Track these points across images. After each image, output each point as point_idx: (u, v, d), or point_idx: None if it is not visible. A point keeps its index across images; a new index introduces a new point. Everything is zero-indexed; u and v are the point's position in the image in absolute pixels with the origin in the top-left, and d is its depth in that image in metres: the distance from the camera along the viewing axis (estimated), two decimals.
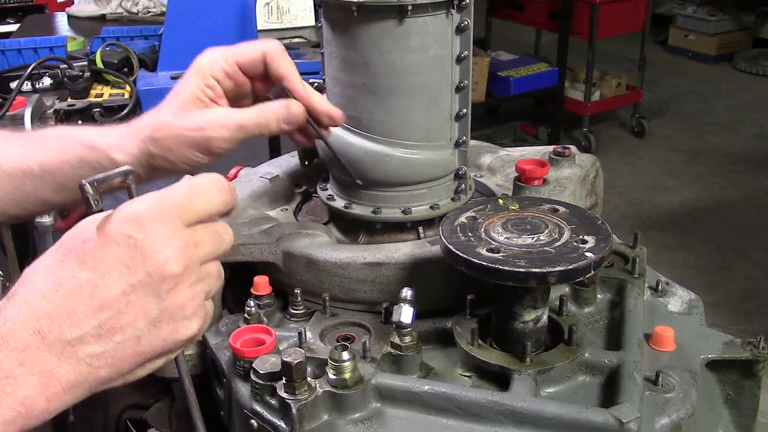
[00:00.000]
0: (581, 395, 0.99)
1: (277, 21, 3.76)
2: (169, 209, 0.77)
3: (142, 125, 1.09)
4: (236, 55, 1.09)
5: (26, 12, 5.32)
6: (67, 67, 2.96)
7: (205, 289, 0.79)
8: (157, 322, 0.75)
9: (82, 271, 0.73)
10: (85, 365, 0.72)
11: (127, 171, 0.82)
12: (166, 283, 0.75)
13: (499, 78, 5.87)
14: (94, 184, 0.78)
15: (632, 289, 1.14)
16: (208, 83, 1.08)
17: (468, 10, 1.10)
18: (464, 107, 1.16)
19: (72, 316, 0.72)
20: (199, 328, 0.79)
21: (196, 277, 0.78)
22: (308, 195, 1.39)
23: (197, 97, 1.07)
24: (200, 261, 0.78)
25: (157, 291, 0.74)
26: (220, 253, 0.82)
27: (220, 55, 1.09)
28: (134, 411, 1.23)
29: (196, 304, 0.78)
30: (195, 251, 0.77)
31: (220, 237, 0.81)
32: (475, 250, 0.95)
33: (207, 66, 1.08)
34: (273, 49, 1.08)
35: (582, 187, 1.31)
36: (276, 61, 1.08)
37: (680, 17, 8.36)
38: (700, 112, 6.89)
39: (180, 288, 0.76)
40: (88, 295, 0.72)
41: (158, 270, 0.74)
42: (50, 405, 0.71)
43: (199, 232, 0.79)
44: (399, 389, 0.96)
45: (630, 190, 5.42)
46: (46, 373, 0.70)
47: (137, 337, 0.74)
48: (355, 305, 1.14)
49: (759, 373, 1.08)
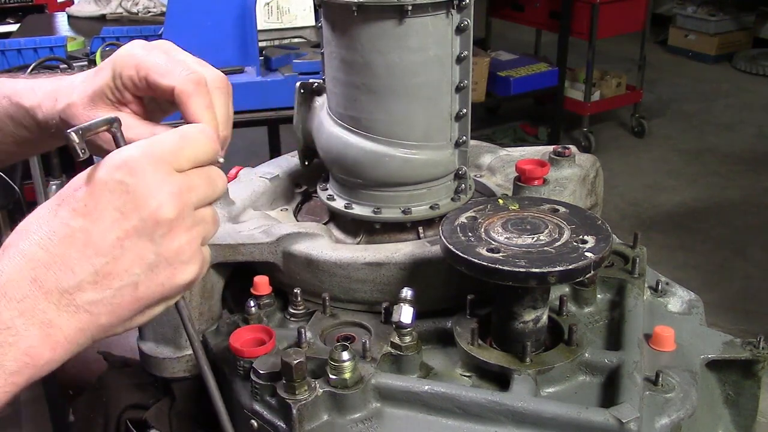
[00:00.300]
0: (581, 395, 0.99)
1: (277, 21, 3.76)
2: (161, 154, 0.76)
3: (60, 93, 1.03)
4: (148, 73, 0.95)
5: (26, 12, 5.32)
6: (67, 67, 2.96)
7: (201, 234, 0.79)
8: (153, 267, 0.74)
9: (74, 219, 0.73)
10: (84, 312, 0.72)
11: (112, 119, 0.81)
12: (161, 228, 0.74)
13: (499, 78, 5.87)
14: (78, 132, 0.77)
15: (632, 289, 1.14)
16: (117, 83, 0.98)
17: (468, 10, 1.10)
18: (464, 107, 1.16)
19: (67, 264, 0.72)
20: (197, 272, 0.79)
21: (191, 221, 0.77)
22: (308, 195, 1.39)
23: (105, 95, 0.99)
24: (194, 205, 0.78)
25: (152, 236, 0.74)
26: (214, 198, 0.81)
27: (133, 62, 0.96)
28: (134, 411, 1.23)
29: (193, 249, 0.77)
30: (188, 195, 0.77)
31: (214, 181, 0.81)
32: (475, 250, 0.95)
33: (119, 66, 0.98)
34: (184, 88, 0.91)
35: (582, 187, 1.31)
36: (184, 105, 0.91)
37: (680, 17, 8.36)
38: (700, 112, 6.89)
39: (175, 232, 0.75)
40: (82, 242, 0.72)
41: (152, 215, 0.73)
42: (55, 354, 0.71)
43: (191, 176, 0.78)
44: (399, 389, 0.96)
45: (630, 190, 5.42)
46: (47, 322, 0.70)
47: (135, 283, 0.74)
48: (355, 305, 1.14)
49: (759, 373, 1.08)
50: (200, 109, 0.92)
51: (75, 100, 1.01)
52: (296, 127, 1.31)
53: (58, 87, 1.05)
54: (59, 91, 1.04)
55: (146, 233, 0.74)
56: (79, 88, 1.02)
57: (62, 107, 1.02)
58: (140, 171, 0.74)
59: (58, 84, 1.06)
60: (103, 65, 1.01)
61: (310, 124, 1.29)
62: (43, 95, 1.05)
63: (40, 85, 1.07)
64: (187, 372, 1.17)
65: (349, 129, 1.16)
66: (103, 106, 1.00)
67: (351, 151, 1.16)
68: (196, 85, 0.92)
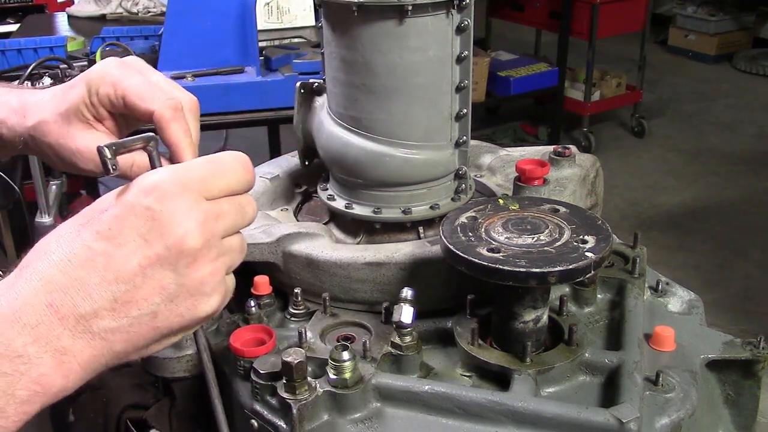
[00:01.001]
0: (581, 395, 0.99)
1: (277, 21, 3.76)
2: (191, 182, 0.74)
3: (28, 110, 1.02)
4: (126, 94, 0.96)
5: (26, 12, 5.32)
6: (67, 67, 2.96)
7: (226, 264, 0.77)
8: (174, 298, 0.73)
9: (97, 242, 0.71)
10: (100, 340, 0.71)
11: (149, 138, 0.79)
12: (185, 258, 0.72)
13: (499, 78, 5.87)
14: (112, 148, 0.75)
15: (632, 289, 1.14)
16: (93, 100, 0.99)
17: (468, 10, 1.10)
18: (464, 107, 1.16)
19: (86, 288, 0.70)
20: (219, 304, 0.77)
21: (217, 251, 0.75)
22: (308, 195, 1.39)
23: (80, 112, 0.99)
24: (222, 234, 0.76)
25: (175, 265, 0.72)
26: (243, 226, 0.79)
27: (110, 80, 0.97)
28: (134, 411, 1.23)
29: (216, 280, 0.76)
30: (216, 224, 0.75)
31: (243, 209, 0.79)
32: (475, 250, 0.95)
33: (95, 83, 0.98)
34: (163, 113, 0.91)
35: (582, 187, 1.31)
36: (163, 129, 0.92)
37: (680, 17, 8.36)
38: (700, 112, 6.89)
39: (199, 263, 0.73)
40: (103, 266, 0.70)
41: (177, 244, 0.71)
42: (68, 382, 0.70)
43: (221, 204, 0.76)
44: (399, 389, 0.96)
45: (630, 190, 5.42)
46: (60, 350, 0.69)
47: (153, 313, 0.72)
48: (355, 305, 1.14)
49: (759, 373, 1.08)
50: (179, 134, 0.92)
51: (46, 117, 1.00)
52: (296, 127, 1.31)
53: (25, 103, 1.03)
54: (27, 108, 1.03)
55: (169, 262, 0.72)
56: (50, 105, 1.01)
57: (33, 124, 1.01)
58: (169, 197, 0.72)
59: (23, 99, 1.04)
60: (75, 82, 1.00)
61: (310, 124, 1.29)
62: (9, 111, 1.03)
63: (4, 101, 1.04)
64: (187, 372, 1.17)
65: (350, 129, 1.16)
66: (77, 123, 0.99)
67: (351, 151, 1.16)
68: (175, 111, 0.92)
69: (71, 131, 1.00)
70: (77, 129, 1.00)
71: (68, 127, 1.00)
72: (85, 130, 1.00)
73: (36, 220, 2.73)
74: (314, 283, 1.13)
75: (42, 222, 2.66)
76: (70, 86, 1.01)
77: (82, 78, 1.00)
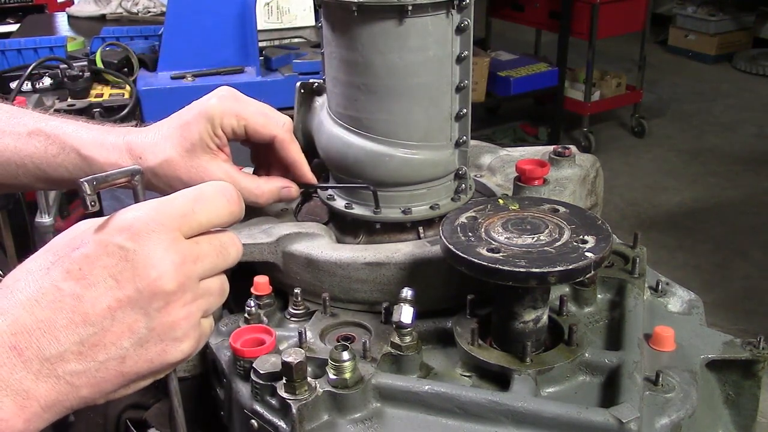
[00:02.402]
0: (581, 395, 0.99)
1: (277, 21, 3.76)
2: (168, 219, 0.71)
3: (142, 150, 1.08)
4: (248, 123, 1.10)
5: (26, 12, 5.32)
6: (67, 67, 2.97)
7: (202, 307, 0.74)
8: (144, 342, 0.69)
9: (66, 281, 0.68)
10: (65, 384, 0.68)
11: (134, 171, 0.76)
12: (157, 301, 0.69)
13: (499, 78, 5.88)
14: (93, 183, 0.72)
15: (632, 289, 1.14)
16: (217, 132, 1.09)
17: (468, 10, 1.10)
18: (464, 107, 1.16)
19: (52, 331, 0.67)
20: (192, 349, 0.74)
21: (192, 294, 0.72)
22: (308, 195, 1.39)
23: (206, 144, 1.09)
24: (199, 277, 0.73)
25: (146, 309, 0.69)
26: (224, 268, 0.77)
27: (232, 112, 1.09)
28: (134, 411, 1.23)
29: (190, 324, 0.72)
30: (193, 267, 0.72)
31: (225, 250, 0.76)
32: (475, 250, 0.95)
33: (218, 116, 1.08)
34: (284, 137, 1.11)
35: (582, 187, 1.31)
36: (286, 150, 1.12)
37: (680, 17, 8.37)
38: (700, 112, 6.90)
39: (172, 306, 0.70)
40: (71, 308, 0.67)
41: (149, 286, 0.68)
42: (29, 426, 0.67)
43: (201, 244, 0.73)
44: (399, 389, 0.96)
45: (630, 190, 5.43)
46: (23, 393, 0.66)
47: (122, 357, 0.69)
48: (355, 305, 1.14)
49: (759, 373, 1.08)
50: (297, 153, 1.14)
51: (172, 155, 1.08)
52: (296, 127, 1.31)
53: (133, 144, 1.09)
54: (137, 149, 1.08)
55: (140, 305, 0.68)
56: (170, 143, 1.08)
57: (158, 162, 1.07)
58: (144, 237, 0.69)
59: (128, 141, 1.10)
60: (190, 119, 1.09)
61: (310, 124, 1.29)
62: (118, 153, 1.09)
63: (105, 140, 1.10)
64: (187, 372, 1.17)
65: (350, 129, 1.16)
66: (203, 155, 1.09)
67: (351, 151, 1.16)
68: (290, 133, 1.13)
69: (200, 164, 1.09)
70: (204, 161, 1.10)
71: (196, 161, 1.09)
72: (211, 160, 1.10)
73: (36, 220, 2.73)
74: (314, 283, 1.13)
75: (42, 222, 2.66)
76: (187, 123, 1.09)
77: (198, 114, 1.09)
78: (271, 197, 1.16)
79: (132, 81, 2.99)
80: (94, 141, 1.10)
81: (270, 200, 1.17)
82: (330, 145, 1.20)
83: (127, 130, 1.13)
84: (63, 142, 1.10)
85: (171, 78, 3.04)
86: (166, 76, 3.06)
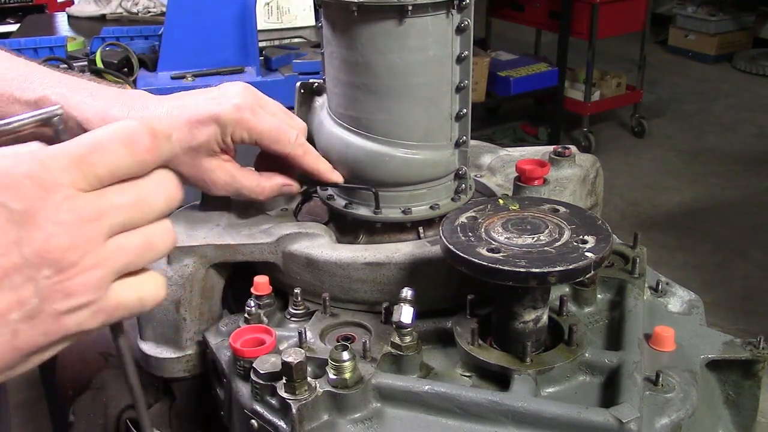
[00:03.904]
0: (581, 395, 0.99)
1: (277, 21, 3.76)
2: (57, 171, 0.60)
3: None
4: (260, 139, 1.11)
5: (26, 12, 5.33)
6: (67, 67, 2.95)
7: (113, 269, 0.63)
8: (36, 314, 0.60)
9: None
10: None
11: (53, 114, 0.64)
12: (47, 268, 0.59)
13: (499, 78, 5.87)
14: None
15: (632, 289, 1.14)
16: (226, 140, 1.10)
17: (468, 10, 1.10)
18: (464, 107, 1.16)
19: None
20: (98, 319, 0.63)
21: (94, 257, 0.61)
22: (308, 195, 1.39)
23: (211, 148, 1.10)
24: (105, 235, 0.62)
25: (35, 277, 0.59)
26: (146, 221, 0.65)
27: (245, 126, 1.09)
28: (134, 411, 1.23)
29: (91, 292, 0.61)
30: (94, 225, 0.61)
31: (147, 199, 0.64)
32: (475, 250, 0.95)
33: (230, 125, 1.09)
34: (296, 153, 1.12)
35: (582, 187, 1.31)
36: (299, 164, 1.14)
37: (680, 17, 8.36)
38: (700, 112, 6.90)
39: (66, 273, 0.60)
40: None
41: (37, 251, 0.58)
42: None
43: (107, 196, 0.62)
44: (399, 389, 0.96)
45: (630, 190, 5.43)
46: None
47: (13, 332, 0.59)
48: (355, 305, 1.14)
49: (759, 373, 1.08)
50: (312, 162, 1.15)
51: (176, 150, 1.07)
52: None
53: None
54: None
55: (28, 273, 0.58)
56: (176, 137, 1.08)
57: None
58: (29, 192, 0.58)
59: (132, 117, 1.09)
60: (202, 118, 1.08)
61: (310, 124, 1.29)
62: None
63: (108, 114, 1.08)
64: (187, 372, 1.17)
65: (350, 129, 1.16)
66: (205, 156, 1.10)
67: (351, 151, 1.16)
68: (302, 147, 1.14)
69: (202, 164, 1.11)
70: (206, 161, 1.11)
71: (198, 160, 1.10)
72: (213, 159, 1.11)
73: None
74: (314, 283, 1.13)
75: None
76: (198, 122, 1.09)
77: (210, 117, 1.08)
78: (272, 194, 1.19)
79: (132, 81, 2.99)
80: (96, 115, 1.08)
81: (271, 196, 1.20)
82: (330, 145, 1.20)
83: (132, 98, 1.10)
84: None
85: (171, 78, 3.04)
86: (166, 76, 3.06)
